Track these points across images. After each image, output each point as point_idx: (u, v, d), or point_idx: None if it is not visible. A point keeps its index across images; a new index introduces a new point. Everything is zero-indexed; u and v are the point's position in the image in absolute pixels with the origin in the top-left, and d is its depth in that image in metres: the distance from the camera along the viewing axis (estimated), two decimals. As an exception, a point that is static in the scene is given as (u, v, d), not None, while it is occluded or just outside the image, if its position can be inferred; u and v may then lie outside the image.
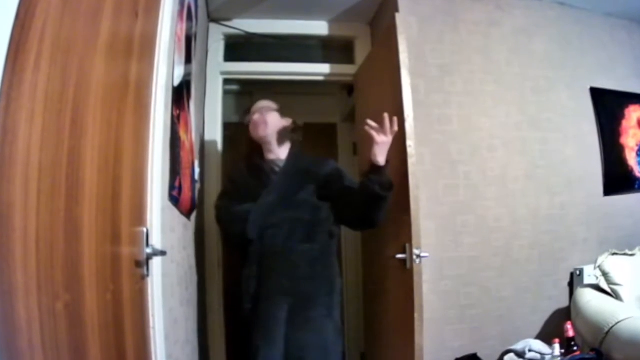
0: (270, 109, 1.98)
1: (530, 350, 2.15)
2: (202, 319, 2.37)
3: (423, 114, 2.44)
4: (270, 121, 1.94)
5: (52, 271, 0.64)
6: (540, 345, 2.17)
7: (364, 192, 1.76)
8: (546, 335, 2.40)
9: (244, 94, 3.68)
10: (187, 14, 1.81)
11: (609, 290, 2.27)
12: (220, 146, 2.80)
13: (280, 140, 1.96)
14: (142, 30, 1.12)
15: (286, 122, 1.99)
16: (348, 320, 3.17)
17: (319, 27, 2.97)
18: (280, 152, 1.96)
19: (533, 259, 2.58)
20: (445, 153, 2.52)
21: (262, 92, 3.18)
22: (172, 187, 1.48)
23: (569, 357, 2.02)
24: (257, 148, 1.99)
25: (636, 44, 3.07)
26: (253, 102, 2.09)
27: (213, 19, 2.84)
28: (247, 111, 2.03)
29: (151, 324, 1.18)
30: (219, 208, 1.95)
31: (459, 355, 2.33)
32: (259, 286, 1.78)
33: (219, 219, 1.95)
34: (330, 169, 1.98)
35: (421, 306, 1.81)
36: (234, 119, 3.65)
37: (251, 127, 1.98)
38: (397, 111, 1.98)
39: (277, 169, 1.93)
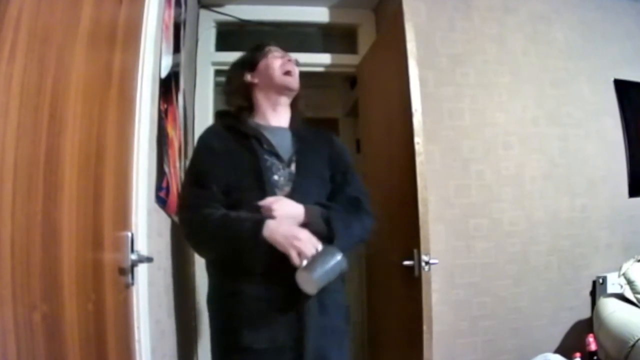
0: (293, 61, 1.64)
1: (548, 366, 2.15)
2: (192, 331, 2.37)
3: (432, 108, 2.44)
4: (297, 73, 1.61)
5: (28, 279, 0.65)
6: (559, 360, 2.17)
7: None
8: (566, 349, 2.40)
9: (237, 87, 3.67)
10: (175, -1, 1.82)
11: (634, 300, 2.27)
12: (211, 143, 2.80)
13: (293, 105, 1.63)
14: (126, 17, 1.12)
15: None
16: (349, 331, 3.17)
17: (318, 14, 2.97)
18: (283, 116, 1.60)
19: (552, 266, 2.58)
20: (456, 151, 2.52)
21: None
22: (159, 188, 1.48)
23: (591, 372, 2.02)
24: (242, 108, 1.57)
25: (664, 32, 3.07)
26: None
27: (203, 4, 2.84)
28: (260, 49, 1.64)
29: (136, 337, 1.18)
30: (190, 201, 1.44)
31: (472, 371, 2.34)
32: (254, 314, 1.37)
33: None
34: (346, 159, 1.64)
35: (430, 317, 1.81)
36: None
37: (282, 70, 1.57)
38: (404, 105, 1.98)
39: (274, 140, 1.51)
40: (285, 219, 1.36)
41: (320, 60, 2.94)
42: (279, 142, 1.52)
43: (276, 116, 1.58)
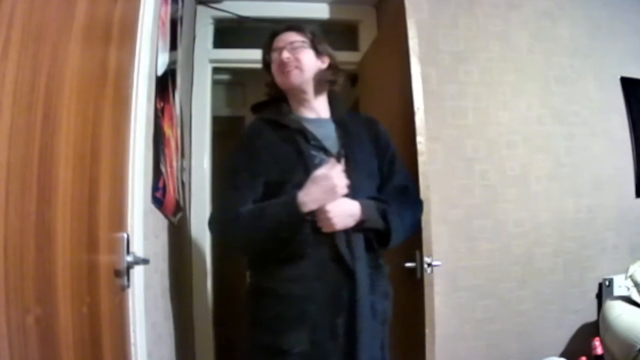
0: (303, 45, 1.53)
1: (554, 370, 2.15)
2: (190, 335, 2.37)
3: (435, 107, 2.44)
4: (305, 62, 1.51)
5: (21, 281, 0.64)
6: (565, 364, 2.17)
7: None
8: (572, 352, 2.40)
9: (235, 85, 3.67)
10: (172, -5, 1.81)
11: (641, 302, 2.27)
12: (208, 142, 2.80)
13: (318, 90, 1.55)
14: (122, 14, 1.12)
15: (323, 62, 1.56)
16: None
17: (319, 10, 2.97)
18: (319, 107, 1.55)
19: (557, 268, 2.58)
20: (459, 150, 2.52)
21: (255, 83, 3.17)
22: (155, 188, 1.48)
23: (597, 377, 2.02)
24: (279, 98, 1.57)
25: (672, 29, 3.07)
26: (245, 93, 1.82)
27: (201, 1, 2.84)
28: (268, 46, 1.59)
29: (132, 341, 1.18)
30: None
31: (475, 375, 2.34)
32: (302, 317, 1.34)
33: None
34: (392, 147, 1.60)
35: (433, 321, 1.81)
36: (225, 111, 3.66)
37: (277, 71, 1.53)
38: (406, 103, 1.98)
39: (318, 133, 1.48)
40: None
41: (320, 57, 2.94)
42: (325, 136, 1.48)
43: (313, 108, 1.54)
